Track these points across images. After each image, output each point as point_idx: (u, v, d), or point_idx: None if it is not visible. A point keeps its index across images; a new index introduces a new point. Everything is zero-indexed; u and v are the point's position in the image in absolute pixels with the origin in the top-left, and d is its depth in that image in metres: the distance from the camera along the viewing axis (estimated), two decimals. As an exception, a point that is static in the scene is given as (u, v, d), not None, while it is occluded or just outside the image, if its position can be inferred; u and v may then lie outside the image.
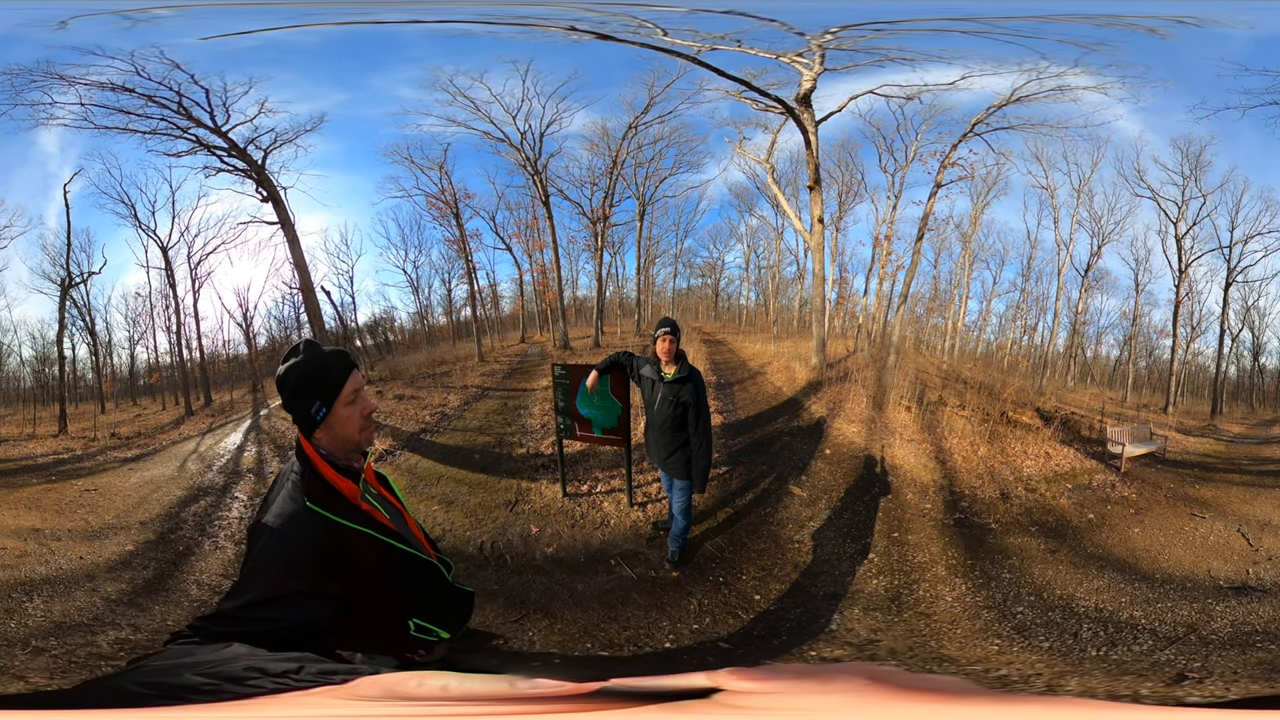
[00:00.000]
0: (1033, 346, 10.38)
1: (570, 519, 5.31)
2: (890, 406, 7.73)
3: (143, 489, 6.70)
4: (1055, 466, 6.70)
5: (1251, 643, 3.65)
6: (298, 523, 1.51)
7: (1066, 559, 4.86)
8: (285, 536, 1.49)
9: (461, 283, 11.24)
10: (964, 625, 3.92)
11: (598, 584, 4.34)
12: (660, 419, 4.19)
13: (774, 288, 12.32)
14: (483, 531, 5.21)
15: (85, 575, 4.81)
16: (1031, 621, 3.96)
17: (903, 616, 4.00)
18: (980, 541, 5.10)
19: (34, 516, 5.87)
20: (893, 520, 5.33)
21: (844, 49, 7.60)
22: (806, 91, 8.07)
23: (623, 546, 4.81)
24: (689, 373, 4.10)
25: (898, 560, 4.70)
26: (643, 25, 7.43)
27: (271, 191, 8.54)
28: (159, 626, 4.08)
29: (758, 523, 5.24)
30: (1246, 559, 4.86)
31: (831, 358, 9.53)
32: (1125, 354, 9.83)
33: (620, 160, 10.35)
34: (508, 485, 6.07)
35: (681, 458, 4.19)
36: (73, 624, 4.07)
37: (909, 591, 4.30)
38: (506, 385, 9.82)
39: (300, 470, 1.61)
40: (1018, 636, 3.79)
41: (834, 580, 4.43)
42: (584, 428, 5.31)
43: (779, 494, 5.75)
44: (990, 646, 3.68)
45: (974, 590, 4.34)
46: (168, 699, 0.99)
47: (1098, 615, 4.04)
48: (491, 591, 4.27)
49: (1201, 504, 6.01)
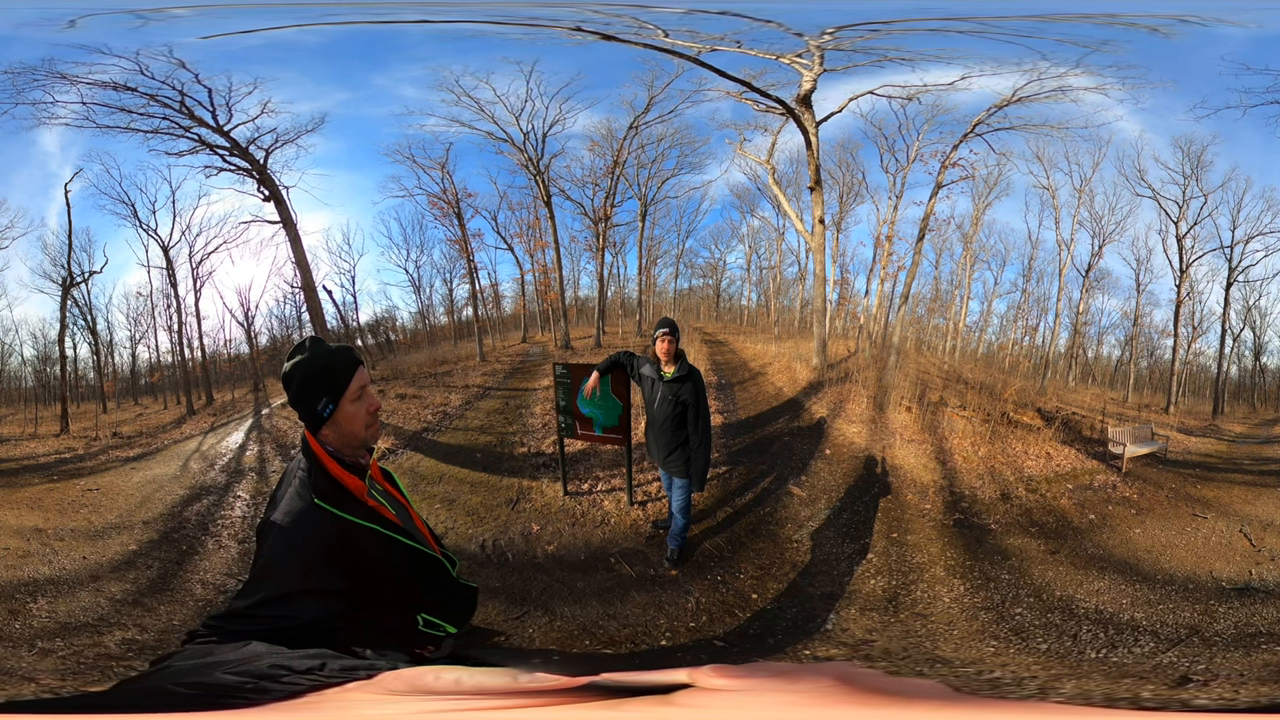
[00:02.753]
0: (1033, 347, 10.37)
1: (571, 517, 5.36)
2: (891, 407, 7.74)
3: (145, 488, 6.71)
4: (1056, 467, 6.69)
5: (1256, 644, 3.61)
6: (306, 520, 1.53)
7: (1067, 560, 4.84)
8: (294, 534, 1.51)
9: (463, 282, 11.27)
10: (961, 626, 3.91)
11: (598, 582, 4.38)
12: (660, 418, 4.25)
13: (775, 288, 12.33)
14: (485, 530, 5.27)
15: (89, 575, 4.80)
16: (1030, 623, 3.94)
17: (899, 617, 4.00)
18: (980, 542, 5.09)
19: (37, 516, 5.86)
20: (892, 520, 5.33)
21: (842, 49, 7.60)
22: (807, 92, 8.07)
23: (623, 545, 4.87)
24: (688, 372, 4.14)
25: (896, 561, 4.70)
26: (643, 26, 7.44)
27: (274, 191, 8.55)
28: (165, 626, 4.09)
29: (757, 522, 5.25)
30: (1249, 559, 4.83)
31: (832, 358, 9.54)
32: (1126, 354, 9.82)
33: (622, 160, 10.36)
34: (509, 484, 6.12)
35: (681, 456, 4.24)
36: (78, 624, 4.07)
37: (906, 592, 4.30)
38: (508, 385, 9.84)
39: (307, 467, 1.62)
40: (1014, 638, 3.77)
41: (832, 580, 4.43)
42: (585, 426, 5.37)
43: (778, 494, 5.76)
44: (986, 648, 3.67)
45: (972, 591, 4.33)
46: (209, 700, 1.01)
47: (1098, 617, 4.00)
48: (493, 589, 4.33)
49: (1203, 504, 5.98)
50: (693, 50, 7.76)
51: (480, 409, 8.70)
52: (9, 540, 5.31)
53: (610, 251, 11.51)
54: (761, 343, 11.30)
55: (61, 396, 8.79)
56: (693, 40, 7.64)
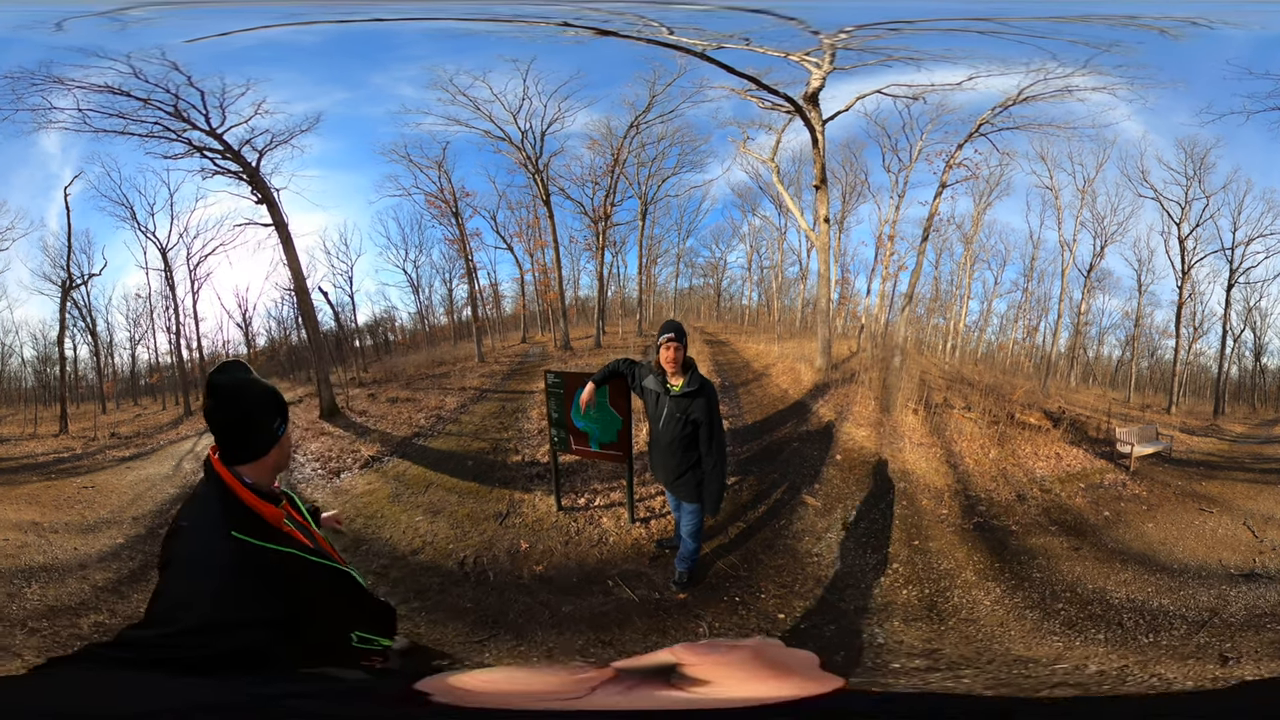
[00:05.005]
0: (1034, 347, 10.40)
1: (564, 535, 4.99)
2: (897, 409, 7.71)
3: (138, 486, 6.88)
4: (1067, 467, 6.75)
5: (1264, 625, 3.93)
6: (225, 553, 1.45)
7: (1090, 555, 5.01)
8: (212, 568, 1.43)
9: (462, 282, 11.12)
10: (1014, 627, 3.95)
11: (590, 605, 4.04)
12: (666, 438, 3.74)
13: (776, 288, 12.28)
14: (466, 545, 4.93)
15: (78, 565, 5.07)
16: (1077, 616, 4.04)
17: (948, 624, 3.97)
18: (1003, 544, 5.12)
19: (34, 511, 6.10)
20: (911, 527, 5.28)
21: (852, 49, 7.54)
22: (815, 90, 8.00)
23: (623, 566, 4.51)
24: (700, 385, 3.62)
25: (923, 569, 4.65)
26: (647, 24, 7.34)
27: (266, 194, 8.39)
28: (133, 612, 4.24)
29: (772, 536, 5.00)
30: (1253, 550, 5.12)
31: (834, 359, 9.50)
32: (1128, 354, 9.88)
33: (622, 159, 10.26)
34: (499, 495, 5.78)
35: (691, 480, 3.75)
36: (62, 608, 4.37)
37: (944, 599, 4.26)
38: (506, 387, 9.70)
39: (218, 496, 1.55)
40: (1070, 632, 3.88)
41: (860, 593, 4.31)
42: (580, 441, 4.87)
43: (792, 504, 5.55)
44: (1054, 644, 3.73)
45: (1010, 592, 4.37)
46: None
47: (1132, 605, 4.19)
48: (462, 610, 4.05)
49: (1209, 500, 6.21)
50: (698, 47, 7.67)
51: (476, 412, 8.52)
52: (8, 532, 5.54)
53: (610, 251, 11.42)
54: (763, 343, 11.24)
55: (61, 397, 8.84)
56: (699, 37, 7.55)
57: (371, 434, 7.91)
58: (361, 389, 9.77)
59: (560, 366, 9.11)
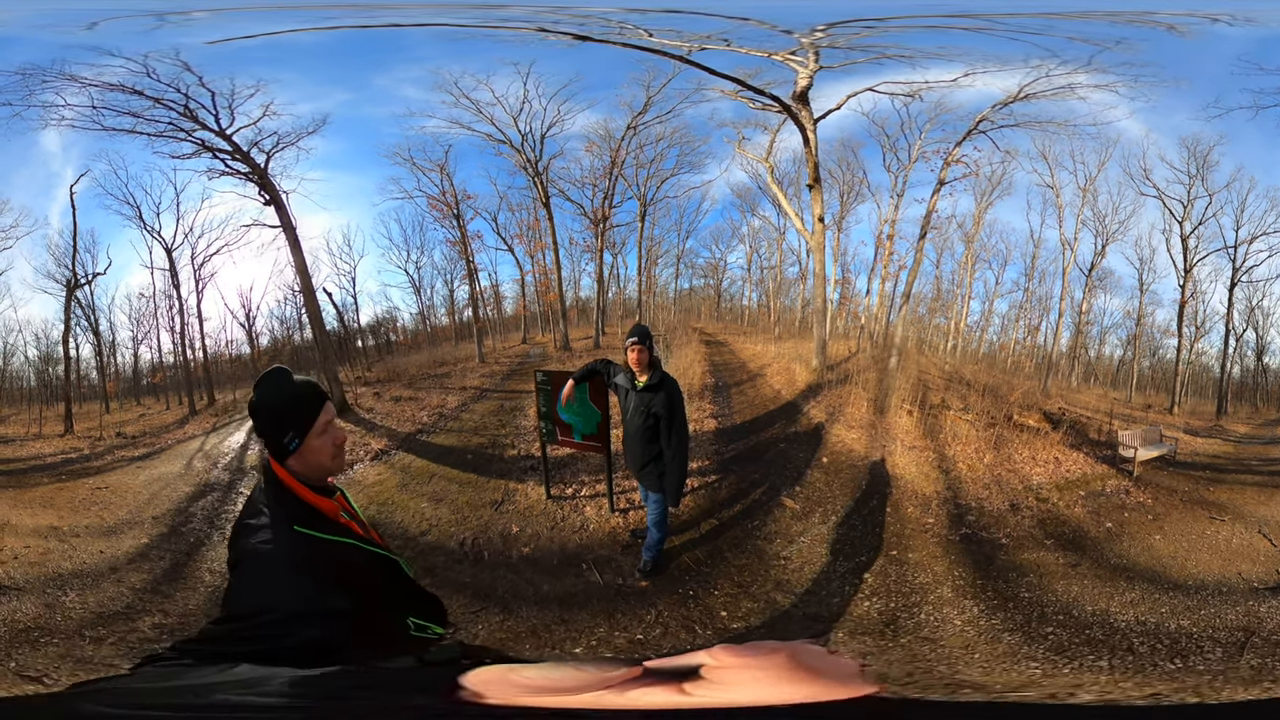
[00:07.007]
0: (1035, 346, 10.30)
1: (551, 521, 5.40)
2: (892, 410, 7.65)
3: (152, 486, 6.92)
4: (1065, 473, 6.50)
5: None
6: (289, 547, 1.52)
7: (1090, 573, 4.61)
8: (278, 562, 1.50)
9: (464, 283, 11.25)
10: (983, 649, 3.69)
11: (563, 586, 4.40)
12: (633, 429, 4.03)
13: (776, 288, 12.27)
14: (466, 528, 5.38)
15: (108, 568, 5.03)
16: (1070, 640, 3.72)
17: (899, 641, 3.80)
18: (990, 559, 4.85)
19: (51, 515, 6.03)
20: (892, 536, 5.13)
21: (838, 47, 7.49)
22: (803, 89, 7.97)
23: (598, 551, 4.86)
24: (660, 380, 3.89)
25: (895, 581, 4.47)
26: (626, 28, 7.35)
27: (273, 195, 8.53)
28: (184, 610, 4.41)
29: (742, 536, 5.08)
30: (1274, 560, 4.78)
31: (833, 359, 9.46)
32: (1129, 354, 9.75)
33: (621, 161, 10.31)
34: (496, 485, 6.22)
35: (655, 470, 4.01)
36: (109, 613, 4.33)
37: (908, 615, 4.07)
38: (505, 387, 9.82)
39: (276, 495, 1.62)
40: (1058, 658, 3.56)
41: (819, 601, 4.23)
42: (565, 433, 5.43)
43: (769, 505, 5.58)
44: (1029, 670, 3.47)
45: (989, 612, 4.07)
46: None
47: (1143, 629, 3.83)
48: (462, 584, 4.48)
49: (1219, 507, 5.88)
50: (682, 50, 7.68)
51: (476, 410, 8.73)
52: (28, 539, 5.46)
53: (610, 252, 11.48)
54: (761, 343, 11.22)
55: (65, 397, 8.83)
56: (679, 39, 7.56)
57: (379, 429, 8.19)
58: (367, 388, 9.96)
59: (558, 367, 9.22)
